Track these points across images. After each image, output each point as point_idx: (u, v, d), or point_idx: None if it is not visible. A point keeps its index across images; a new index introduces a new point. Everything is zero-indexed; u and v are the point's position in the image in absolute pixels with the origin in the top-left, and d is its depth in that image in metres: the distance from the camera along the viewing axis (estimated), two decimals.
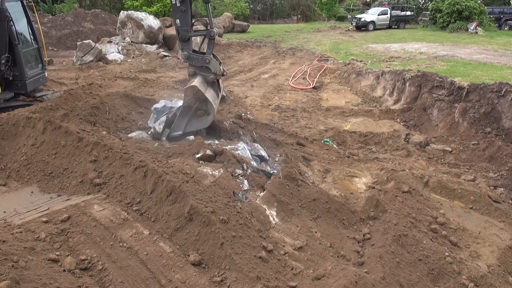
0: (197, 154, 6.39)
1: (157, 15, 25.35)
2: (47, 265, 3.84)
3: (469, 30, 25.26)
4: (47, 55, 13.36)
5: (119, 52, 17.62)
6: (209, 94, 7.51)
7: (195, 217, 4.60)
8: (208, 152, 6.38)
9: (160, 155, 6.37)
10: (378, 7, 33.65)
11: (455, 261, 4.90)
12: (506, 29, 28.18)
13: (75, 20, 22.43)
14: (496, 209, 6.17)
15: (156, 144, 6.97)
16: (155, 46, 19.02)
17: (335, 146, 9.19)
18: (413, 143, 9.49)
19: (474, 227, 5.84)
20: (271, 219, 5.30)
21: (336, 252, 4.97)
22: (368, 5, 42.58)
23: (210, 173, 5.78)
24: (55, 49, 19.71)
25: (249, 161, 6.58)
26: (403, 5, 34.90)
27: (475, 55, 15.74)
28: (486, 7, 28.61)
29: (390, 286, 4.27)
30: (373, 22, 29.98)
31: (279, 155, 7.41)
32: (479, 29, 25.11)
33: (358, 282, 4.06)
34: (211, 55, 7.58)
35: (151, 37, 19.02)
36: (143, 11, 22.27)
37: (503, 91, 9.57)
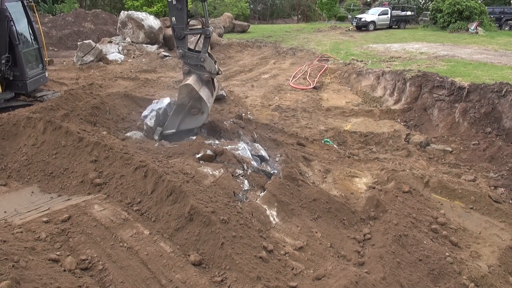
0: (198, 154, 6.39)
1: (157, 15, 25.37)
2: (47, 265, 3.84)
3: (470, 30, 25.25)
4: (48, 55, 13.36)
5: (120, 52, 17.63)
6: (204, 92, 7.48)
7: (195, 217, 4.61)
8: (208, 152, 6.38)
9: (160, 155, 6.37)
10: (378, 7, 33.62)
11: (455, 261, 4.90)
12: (506, 29, 28.16)
13: (76, 20, 22.44)
14: (496, 209, 6.17)
15: (156, 144, 6.98)
16: (155, 46, 19.03)
17: (336, 146, 9.19)
18: (414, 143, 9.50)
19: (474, 227, 5.84)
20: (272, 219, 5.30)
21: (336, 252, 4.97)
22: (368, 5, 42.57)
23: (210, 173, 5.78)
24: (55, 49, 19.72)
25: (249, 161, 6.58)
26: (404, 5, 34.88)
27: (476, 55, 15.74)
28: (486, 7, 28.59)
29: (390, 286, 4.27)
30: (373, 22, 29.96)
31: (279, 155, 7.41)
32: (480, 29, 25.10)
33: (358, 282, 4.06)
34: (207, 54, 7.56)
35: (152, 37, 19.03)
36: (144, 11, 22.28)
37: (503, 91, 9.57)
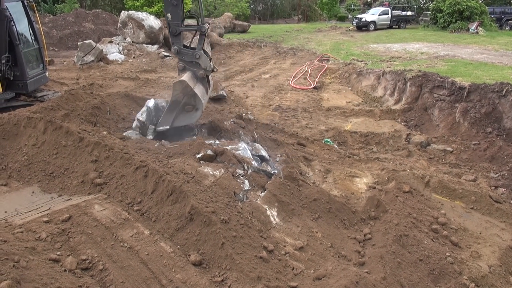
0: (198, 154, 6.39)
1: (158, 15, 25.34)
2: (48, 265, 3.84)
3: (470, 30, 25.23)
4: (48, 55, 13.38)
5: (120, 52, 17.63)
6: (198, 89, 7.46)
7: (196, 217, 4.61)
8: (209, 152, 6.38)
9: (161, 155, 6.37)
10: (379, 7, 33.61)
11: (456, 261, 4.90)
12: (507, 29, 28.14)
13: (76, 20, 22.45)
14: (497, 209, 6.16)
15: (157, 144, 6.98)
16: (156, 46, 19.03)
17: (336, 146, 9.19)
18: (414, 143, 9.49)
19: (475, 227, 5.83)
20: (272, 219, 5.30)
21: (337, 252, 4.97)
22: (369, 5, 42.55)
23: (211, 173, 5.78)
24: (56, 49, 19.73)
25: (250, 161, 6.58)
26: (404, 5, 34.86)
27: (476, 55, 15.72)
28: (487, 7, 28.55)
29: (391, 286, 4.26)
30: (374, 22, 29.94)
31: (280, 155, 7.41)
32: (480, 29, 25.07)
33: (359, 282, 4.06)
34: (202, 51, 7.54)
35: (152, 37, 19.03)
36: (144, 11, 22.27)
37: (504, 91, 9.56)
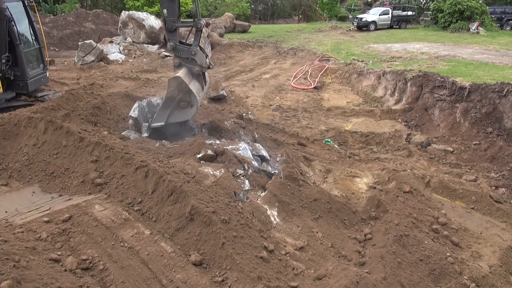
0: (198, 154, 6.39)
1: (158, 15, 25.32)
2: (48, 265, 3.84)
3: (471, 30, 25.21)
4: (49, 55, 13.39)
5: (121, 52, 17.64)
6: (194, 86, 7.42)
7: (196, 217, 4.61)
8: (209, 152, 6.38)
9: (161, 155, 6.38)
10: (379, 7, 33.59)
11: (456, 262, 4.90)
12: (508, 29, 28.12)
13: (77, 20, 22.47)
14: (497, 210, 6.16)
15: (157, 144, 6.98)
16: (156, 46, 19.04)
17: (336, 146, 9.19)
18: (415, 143, 9.49)
19: (475, 227, 5.83)
20: (272, 219, 5.30)
21: (337, 252, 4.97)
22: (369, 5, 42.54)
23: (211, 173, 5.78)
24: (56, 49, 19.75)
25: (250, 161, 6.58)
26: (405, 5, 34.84)
27: (477, 55, 15.71)
28: (487, 7, 28.52)
29: (391, 286, 4.26)
30: (374, 22, 29.93)
31: (280, 155, 7.41)
32: (481, 29, 25.05)
33: (359, 282, 4.06)
34: (198, 47, 7.50)
35: (153, 37, 19.04)
36: (145, 11, 22.28)
37: (504, 91, 9.55)
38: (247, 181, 5.93)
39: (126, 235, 4.53)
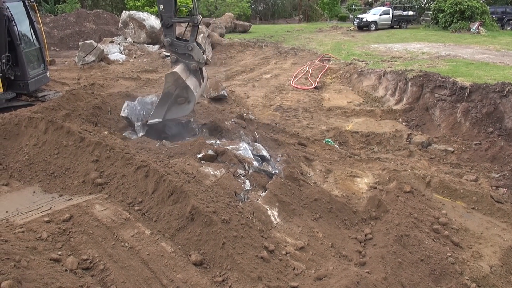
0: (199, 154, 6.39)
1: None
2: (49, 264, 3.85)
3: (472, 30, 25.18)
4: (49, 55, 13.39)
5: (121, 52, 17.65)
6: (191, 81, 7.38)
7: (196, 217, 4.61)
8: (209, 152, 6.38)
9: (161, 155, 6.38)
10: (380, 7, 33.60)
11: (457, 262, 4.89)
12: (508, 29, 28.09)
13: (77, 20, 22.49)
14: (498, 210, 6.15)
15: (158, 144, 6.98)
16: (156, 46, 19.05)
17: (337, 146, 9.18)
18: (415, 143, 9.48)
19: (476, 227, 5.82)
20: (273, 219, 5.30)
21: (337, 252, 4.96)
22: (370, 5, 42.53)
23: (211, 173, 5.78)
24: (57, 49, 19.76)
25: (250, 161, 6.58)
26: (405, 5, 34.82)
27: (478, 55, 15.70)
28: (488, 7, 28.50)
29: (391, 286, 4.26)
30: (375, 22, 29.92)
31: (280, 155, 7.40)
32: (482, 29, 25.02)
33: (359, 282, 4.05)
34: (195, 43, 7.46)
35: (153, 37, 19.05)
36: (145, 11, 22.30)
37: (505, 91, 9.54)
38: (247, 181, 5.93)
39: (126, 235, 4.53)
